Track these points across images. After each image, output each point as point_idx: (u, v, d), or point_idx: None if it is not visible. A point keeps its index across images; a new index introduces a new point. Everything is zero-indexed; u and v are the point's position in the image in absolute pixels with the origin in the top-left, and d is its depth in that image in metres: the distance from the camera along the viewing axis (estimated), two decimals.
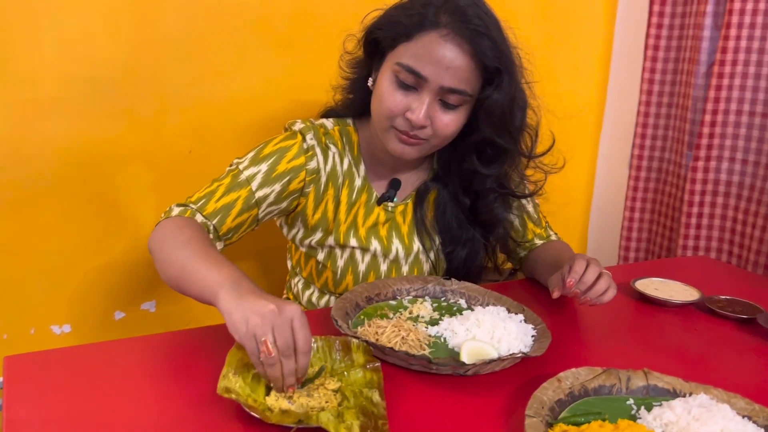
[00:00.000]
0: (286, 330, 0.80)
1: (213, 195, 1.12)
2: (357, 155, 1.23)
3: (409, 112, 1.07)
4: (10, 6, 1.33)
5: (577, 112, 2.16)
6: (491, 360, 0.90)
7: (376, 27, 1.12)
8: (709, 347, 1.10)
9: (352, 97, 1.25)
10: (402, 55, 1.07)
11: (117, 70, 1.45)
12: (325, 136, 1.20)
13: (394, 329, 0.99)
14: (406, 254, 1.25)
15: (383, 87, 1.10)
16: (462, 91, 1.07)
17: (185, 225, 1.05)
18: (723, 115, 1.77)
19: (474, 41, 1.04)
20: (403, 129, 1.09)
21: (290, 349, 0.80)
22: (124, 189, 1.52)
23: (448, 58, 1.04)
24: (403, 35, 1.07)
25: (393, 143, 1.12)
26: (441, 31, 1.04)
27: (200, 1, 1.49)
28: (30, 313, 1.50)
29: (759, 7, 1.67)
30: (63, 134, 1.43)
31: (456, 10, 1.04)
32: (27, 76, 1.37)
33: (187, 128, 1.55)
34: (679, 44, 1.91)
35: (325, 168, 1.19)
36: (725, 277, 1.48)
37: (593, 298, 1.08)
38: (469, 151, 1.19)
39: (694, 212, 1.86)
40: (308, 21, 1.62)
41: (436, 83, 1.06)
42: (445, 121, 1.10)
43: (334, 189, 1.20)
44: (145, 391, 0.88)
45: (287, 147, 1.16)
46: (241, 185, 1.13)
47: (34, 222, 1.45)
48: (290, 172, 1.15)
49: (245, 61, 1.58)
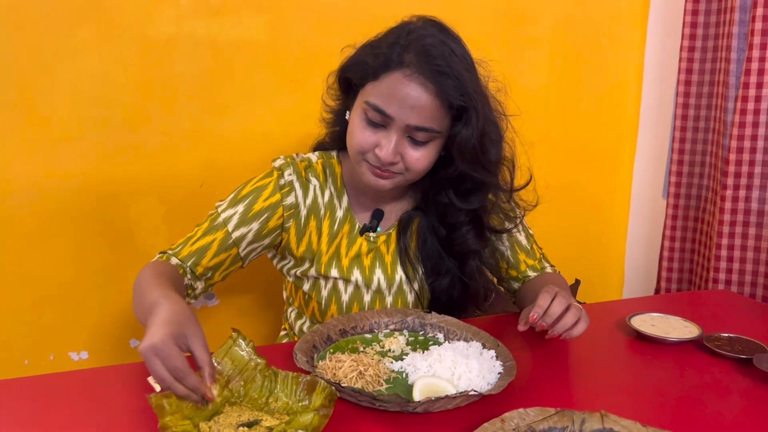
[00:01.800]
0: (169, 358, 0.83)
1: (190, 239, 1.19)
2: (340, 187, 1.25)
3: (378, 148, 1.10)
4: (30, 51, 1.43)
5: (610, 141, 2.12)
6: (438, 398, 0.88)
7: (347, 66, 1.16)
8: (696, 389, 1.04)
9: (336, 130, 1.28)
10: (370, 94, 1.10)
11: (129, 109, 1.53)
12: (306, 170, 1.23)
13: (353, 364, 0.98)
14: (389, 284, 1.25)
15: (354, 124, 1.13)
16: (428, 128, 1.09)
17: (157, 267, 1.11)
18: (750, 141, 1.68)
19: (437, 80, 1.05)
20: (375, 164, 1.12)
21: (178, 371, 0.84)
22: (137, 222, 1.59)
23: (412, 97, 1.06)
24: (371, 75, 1.10)
25: (367, 175, 1.15)
26: (405, 71, 1.06)
27: (209, 42, 1.56)
28: (49, 339, 1.58)
29: None
30: (79, 170, 1.51)
31: (421, 50, 1.06)
32: (45, 117, 1.47)
33: (197, 163, 1.61)
34: (713, 67, 1.83)
35: (305, 202, 1.22)
36: (740, 313, 1.40)
37: (561, 332, 1.05)
38: (445, 185, 1.20)
39: (724, 243, 1.76)
40: (316, 58, 1.66)
41: (402, 122, 1.08)
42: (415, 157, 1.11)
43: (316, 221, 1.23)
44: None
45: (264, 186, 1.20)
46: (218, 227, 1.18)
47: (52, 253, 1.54)
48: (267, 210, 1.19)
49: (254, 98, 1.63)
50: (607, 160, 2.14)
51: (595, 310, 1.40)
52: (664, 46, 2.03)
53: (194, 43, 1.55)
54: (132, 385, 1.00)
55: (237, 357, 0.96)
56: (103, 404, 0.95)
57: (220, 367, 0.94)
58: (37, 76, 1.45)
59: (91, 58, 1.48)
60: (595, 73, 2.03)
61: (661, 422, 0.89)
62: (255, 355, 0.96)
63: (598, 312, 1.39)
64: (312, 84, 1.67)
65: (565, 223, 2.05)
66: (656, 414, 0.96)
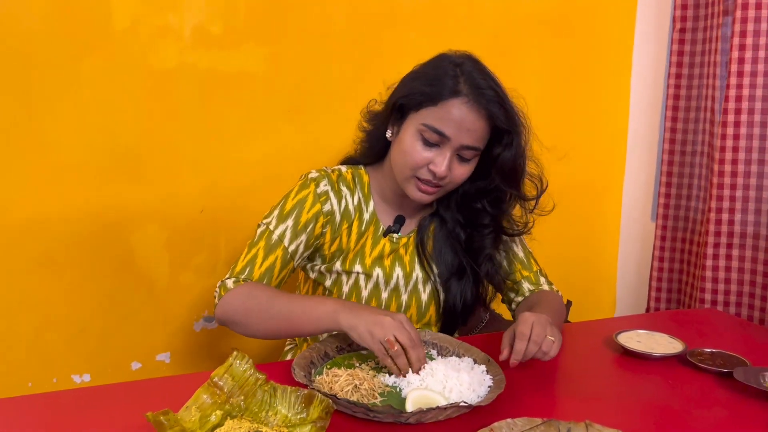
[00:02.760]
0: (403, 330, 1.06)
1: (254, 261, 1.28)
2: (367, 193, 1.38)
3: (433, 165, 1.24)
4: (38, 81, 1.50)
5: (599, 165, 2.18)
6: (430, 409, 0.92)
7: (403, 94, 1.28)
8: (680, 401, 1.08)
9: (368, 146, 1.41)
10: (427, 117, 1.23)
11: (133, 138, 1.59)
12: (338, 179, 1.36)
13: (349, 378, 1.02)
14: (406, 281, 1.37)
15: (407, 143, 1.25)
16: (476, 147, 1.25)
17: (255, 288, 1.23)
18: (731, 165, 1.75)
19: (488, 108, 1.22)
20: (426, 178, 1.26)
21: (413, 341, 1.06)
22: (140, 247, 1.64)
23: (468, 121, 1.21)
24: (428, 101, 1.23)
25: (413, 190, 1.28)
26: (462, 99, 1.21)
27: (210, 73, 1.63)
28: (52, 363, 1.61)
29: (759, 56, 1.66)
30: (83, 197, 1.57)
31: (472, 82, 1.23)
32: (51, 145, 1.53)
33: (198, 189, 1.67)
34: (700, 93, 1.91)
35: (339, 208, 1.34)
36: (723, 329, 1.44)
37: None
38: (481, 195, 1.36)
39: (709, 265, 1.81)
40: (312, 89, 1.73)
41: (457, 141, 1.22)
42: (460, 172, 1.27)
43: (347, 223, 1.35)
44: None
45: (304, 198, 1.32)
46: (276, 245, 1.29)
47: (56, 279, 1.58)
48: (311, 220, 1.31)
49: (254, 127, 1.70)
50: (597, 183, 2.20)
51: (585, 328, 1.46)
52: (651, 73, 2.11)
53: (196, 74, 1.61)
54: (132, 404, 1.03)
55: (237, 374, 0.99)
56: (103, 422, 0.99)
57: (222, 383, 0.98)
58: (46, 105, 1.51)
59: (97, 88, 1.54)
60: (584, 99, 2.11)
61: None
62: (254, 371, 1.00)
63: (588, 330, 1.44)
64: (308, 113, 1.74)
65: (558, 245, 2.10)
66: (640, 425, 1.00)
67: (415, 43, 1.82)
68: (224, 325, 1.25)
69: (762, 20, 1.67)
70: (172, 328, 1.71)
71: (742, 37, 1.68)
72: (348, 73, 1.76)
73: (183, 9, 1.58)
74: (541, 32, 1.99)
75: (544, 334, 1.12)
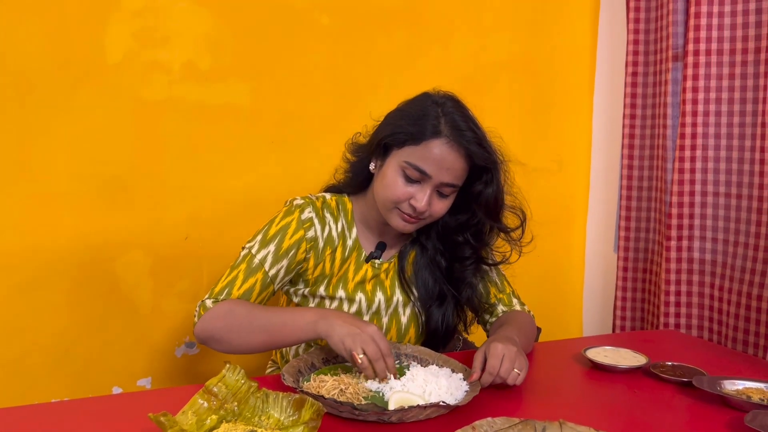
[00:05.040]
0: (370, 343, 1.13)
1: (234, 283, 1.31)
2: (350, 220, 1.44)
3: (414, 200, 1.30)
4: (32, 111, 1.56)
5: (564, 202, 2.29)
6: (411, 407, 0.98)
7: (387, 133, 1.34)
8: (644, 407, 1.15)
9: (352, 177, 1.47)
10: (409, 155, 1.30)
11: (121, 166, 1.65)
12: (322, 206, 1.41)
13: (335, 383, 1.08)
14: (387, 305, 1.42)
15: (390, 178, 1.31)
16: (455, 185, 1.32)
17: (234, 305, 1.27)
18: (689, 196, 1.86)
19: (467, 148, 1.29)
20: (407, 212, 1.32)
21: (377, 354, 1.12)
22: (124, 273, 1.68)
23: (448, 160, 1.28)
24: (411, 140, 1.30)
25: (396, 221, 1.34)
26: (443, 140, 1.28)
27: (197, 105, 1.71)
28: (33, 387, 1.63)
29: (710, 97, 1.80)
30: (70, 223, 1.61)
31: (453, 123, 1.30)
32: (40, 173, 1.58)
33: (182, 217, 1.73)
34: (653, 132, 2.04)
35: (323, 234, 1.39)
36: (683, 347, 1.54)
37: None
38: (463, 229, 1.42)
39: (671, 290, 1.91)
40: (294, 122, 1.82)
41: (437, 179, 1.29)
42: (440, 207, 1.34)
43: (331, 249, 1.40)
44: None
45: (287, 224, 1.36)
46: (257, 269, 1.32)
47: (40, 303, 1.61)
48: (294, 246, 1.35)
49: (237, 157, 1.77)
50: (562, 219, 2.31)
51: (555, 346, 1.53)
52: (609, 116, 2.25)
53: (184, 106, 1.69)
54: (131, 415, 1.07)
55: (230, 382, 1.04)
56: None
57: (216, 390, 1.02)
58: (37, 135, 1.57)
59: (88, 119, 1.61)
60: (549, 140, 2.23)
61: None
62: (247, 380, 1.05)
63: (558, 347, 1.52)
64: (290, 145, 1.83)
65: (526, 277, 2.17)
66: (608, 428, 1.07)
67: (392, 82, 1.93)
68: (205, 344, 1.28)
69: (711, 65, 1.81)
70: (154, 353, 1.74)
71: (694, 80, 1.82)
72: (328, 108, 1.86)
73: (173, 45, 1.67)
74: (507, 73, 2.12)
75: (511, 367, 1.18)
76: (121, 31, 1.61)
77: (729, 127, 1.81)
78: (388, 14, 1.91)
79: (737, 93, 1.78)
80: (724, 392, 1.16)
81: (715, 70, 1.81)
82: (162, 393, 1.21)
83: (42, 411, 1.08)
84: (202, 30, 1.70)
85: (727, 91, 1.80)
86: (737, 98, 1.78)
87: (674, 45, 1.91)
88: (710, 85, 1.83)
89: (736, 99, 1.78)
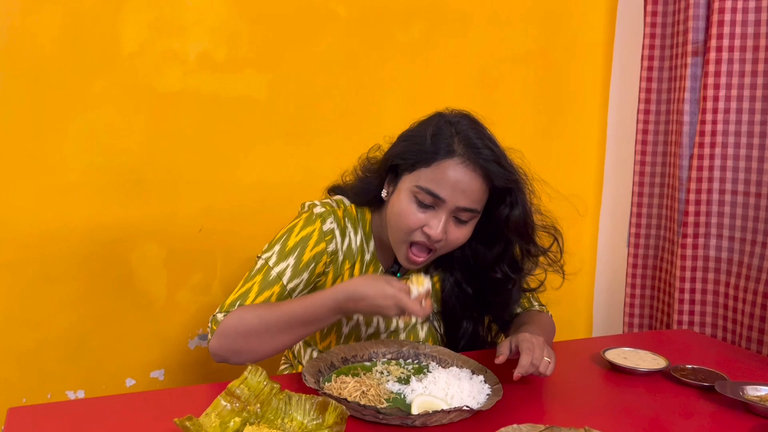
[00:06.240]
0: (395, 308, 1.10)
1: (247, 295, 1.21)
2: (368, 232, 1.34)
3: (427, 227, 1.19)
4: (47, 103, 1.54)
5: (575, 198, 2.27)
6: (435, 411, 0.97)
7: (396, 155, 1.25)
8: (665, 412, 1.15)
9: (362, 195, 1.35)
10: (420, 178, 1.19)
11: (135, 158, 1.64)
12: (344, 214, 1.31)
13: (357, 384, 1.08)
14: (405, 324, 1.37)
15: (402, 204, 1.21)
16: (474, 209, 1.21)
17: (242, 312, 1.17)
18: (707, 194, 1.85)
19: (485, 167, 1.18)
20: (421, 241, 1.21)
21: (409, 309, 1.09)
22: (138, 265, 1.68)
23: (463, 182, 1.18)
24: (422, 162, 1.20)
25: (403, 257, 1.25)
26: (456, 160, 1.18)
27: (212, 97, 1.69)
28: (47, 378, 1.62)
29: (731, 94, 1.78)
30: (84, 216, 1.60)
31: (467, 141, 1.19)
32: (55, 165, 1.57)
33: (197, 209, 1.71)
34: (667, 128, 2.01)
35: (343, 247, 1.30)
36: (701, 349, 1.53)
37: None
38: (499, 261, 1.31)
39: (686, 288, 1.90)
40: (310, 114, 1.80)
41: (452, 203, 1.18)
42: (457, 235, 1.22)
43: (350, 264, 1.32)
44: None
45: (308, 235, 1.26)
46: (273, 282, 1.22)
47: (55, 295, 1.60)
48: (314, 259, 1.26)
49: (252, 149, 1.75)
50: (574, 213, 2.29)
51: (573, 347, 1.52)
52: (624, 111, 2.22)
53: (199, 98, 1.67)
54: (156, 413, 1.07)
55: (252, 384, 1.03)
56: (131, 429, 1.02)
57: (238, 392, 1.01)
58: (51, 127, 1.55)
59: (102, 110, 1.59)
60: (563, 135, 2.21)
61: None
62: (269, 382, 1.04)
63: (575, 348, 1.51)
64: (305, 138, 1.81)
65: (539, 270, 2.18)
66: None
67: (409, 74, 1.91)
68: (226, 361, 1.19)
69: (734, 62, 1.79)
70: (167, 345, 1.74)
71: (716, 77, 1.79)
72: (344, 101, 1.84)
73: (188, 36, 1.65)
74: (524, 66, 2.09)
75: (542, 355, 1.17)
76: (136, 21, 1.59)
77: (750, 125, 1.78)
78: (405, 6, 1.88)
79: (759, 90, 1.75)
80: (747, 398, 1.15)
81: (738, 67, 1.79)
82: (177, 392, 1.19)
83: (56, 410, 1.08)
84: (218, 20, 1.67)
85: (749, 88, 1.77)
86: (759, 96, 1.75)
87: (694, 40, 1.88)
88: (732, 82, 1.80)
89: (758, 97, 1.75)
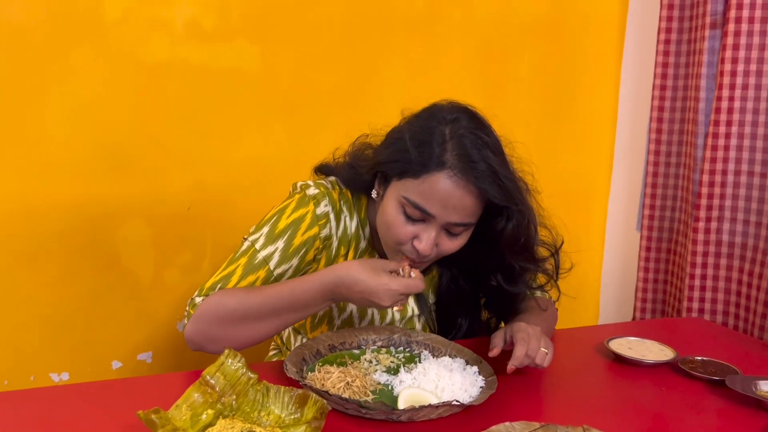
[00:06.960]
0: (388, 298, 1.03)
1: (230, 278, 1.12)
2: (364, 217, 1.25)
3: (417, 240, 1.10)
4: (27, 73, 1.47)
5: (586, 176, 2.19)
6: (422, 406, 0.90)
7: (383, 158, 1.15)
8: (672, 407, 1.08)
9: (354, 186, 1.24)
10: (408, 189, 1.08)
11: (121, 132, 1.56)
12: (339, 197, 1.21)
13: (341, 375, 1.01)
14: (401, 317, 1.30)
15: (391, 214, 1.11)
16: (467, 223, 1.11)
17: (222, 296, 1.08)
18: (721, 175, 1.75)
19: (478, 185, 1.06)
20: (412, 255, 1.12)
21: (405, 288, 1.04)
22: (125, 244, 1.61)
23: (455, 198, 1.06)
24: (410, 172, 1.08)
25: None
26: (448, 173, 1.06)
27: (202, 68, 1.61)
28: (30, 360, 1.57)
29: (750, 69, 1.68)
30: (68, 192, 1.54)
31: (462, 151, 1.06)
32: (36, 138, 1.50)
33: (186, 186, 1.64)
34: (684, 105, 1.92)
35: (337, 233, 1.21)
36: (712, 339, 1.45)
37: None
38: (494, 271, 1.23)
39: (697, 273, 1.82)
40: (305, 88, 1.72)
41: (443, 219, 1.08)
42: (449, 246, 1.13)
43: (345, 249, 1.23)
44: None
45: (300, 218, 1.16)
46: (259, 266, 1.13)
47: (38, 274, 1.54)
48: (305, 243, 1.16)
49: (243, 123, 1.68)
50: (583, 194, 2.21)
51: (575, 335, 1.45)
52: (637, 87, 2.12)
53: (187, 69, 1.59)
54: (119, 402, 1.01)
55: (229, 372, 0.97)
56: (92, 421, 0.96)
57: (213, 381, 0.95)
58: (32, 98, 1.48)
59: (86, 80, 1.51)
60: (572, 111, 2.11)
61: None
62: (247, 370, 0.97)
63: (578, 336, 1.43)
64: (300, 112, 1.73)
65: None
66: (633, 430, 0.99)
67: (410, 46, 1.82)
68: (201, 349, 1.11)
69: (754, 34, 1.68)
70: (155, 327, 1.68)
71: (734, 50, 1.69)
72: (342, 74, 1.75)
73: (175, 2, 1.56)
74: (532, 39, 1.99)
75: (538, 346, 1.10)
76: None
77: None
78: None
79: None
80: (759, 394, 1.07)
81: (758, 40, 1.68)
82: (159, 379, 1.14)
83: (31, 396, 1.02)
84: None
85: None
86: None
87: (712, 11, 1.77)
88: (751, 56, 1.70)
89: None
